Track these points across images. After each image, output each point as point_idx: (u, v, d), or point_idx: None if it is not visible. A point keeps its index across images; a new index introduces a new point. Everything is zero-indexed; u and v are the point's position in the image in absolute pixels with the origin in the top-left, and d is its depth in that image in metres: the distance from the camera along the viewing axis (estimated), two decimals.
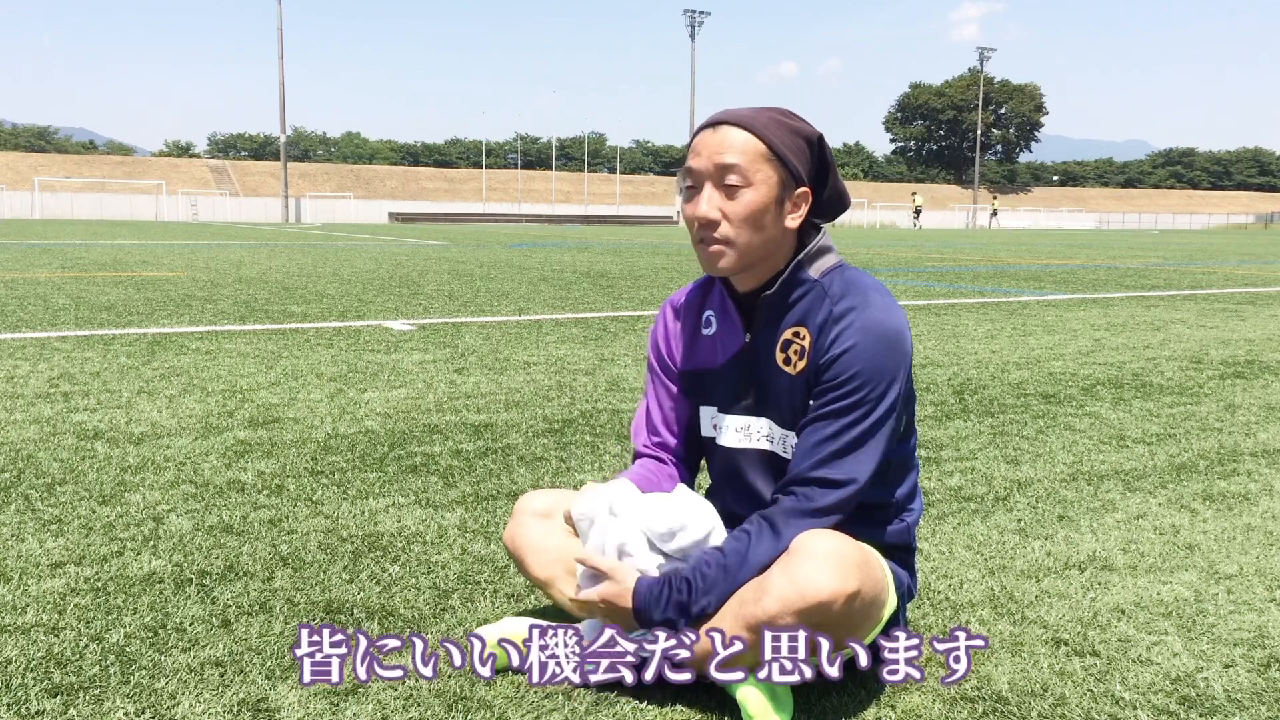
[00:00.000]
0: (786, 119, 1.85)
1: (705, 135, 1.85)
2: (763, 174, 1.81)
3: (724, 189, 1.82)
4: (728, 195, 1.82)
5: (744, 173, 1.80)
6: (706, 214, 1.83)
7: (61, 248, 19.23)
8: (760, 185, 1.81)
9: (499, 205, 77.53)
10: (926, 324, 7.92)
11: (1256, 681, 1.94)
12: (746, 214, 1.82)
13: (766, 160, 1.81)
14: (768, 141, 1.81)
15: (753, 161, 1.80)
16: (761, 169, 1.81)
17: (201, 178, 76.56)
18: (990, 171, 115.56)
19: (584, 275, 13.31)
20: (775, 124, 1.83)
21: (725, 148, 1.81)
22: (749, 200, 1.81)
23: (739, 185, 1.81)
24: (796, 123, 1.85)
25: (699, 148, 1.85)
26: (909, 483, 1.97)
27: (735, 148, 1.81)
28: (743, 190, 1.81)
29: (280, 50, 58.31)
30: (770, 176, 1.82)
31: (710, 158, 1.82)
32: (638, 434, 2.13)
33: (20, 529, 2.74)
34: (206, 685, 1.87)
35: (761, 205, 1.82)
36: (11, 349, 5.96)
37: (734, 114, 1.84)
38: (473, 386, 4.93)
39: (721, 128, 1.83)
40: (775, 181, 1.82)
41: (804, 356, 1.85)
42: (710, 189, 1.83)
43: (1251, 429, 4.19)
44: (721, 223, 1.83)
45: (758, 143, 1.81)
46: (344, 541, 2.67)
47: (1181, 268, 17.05)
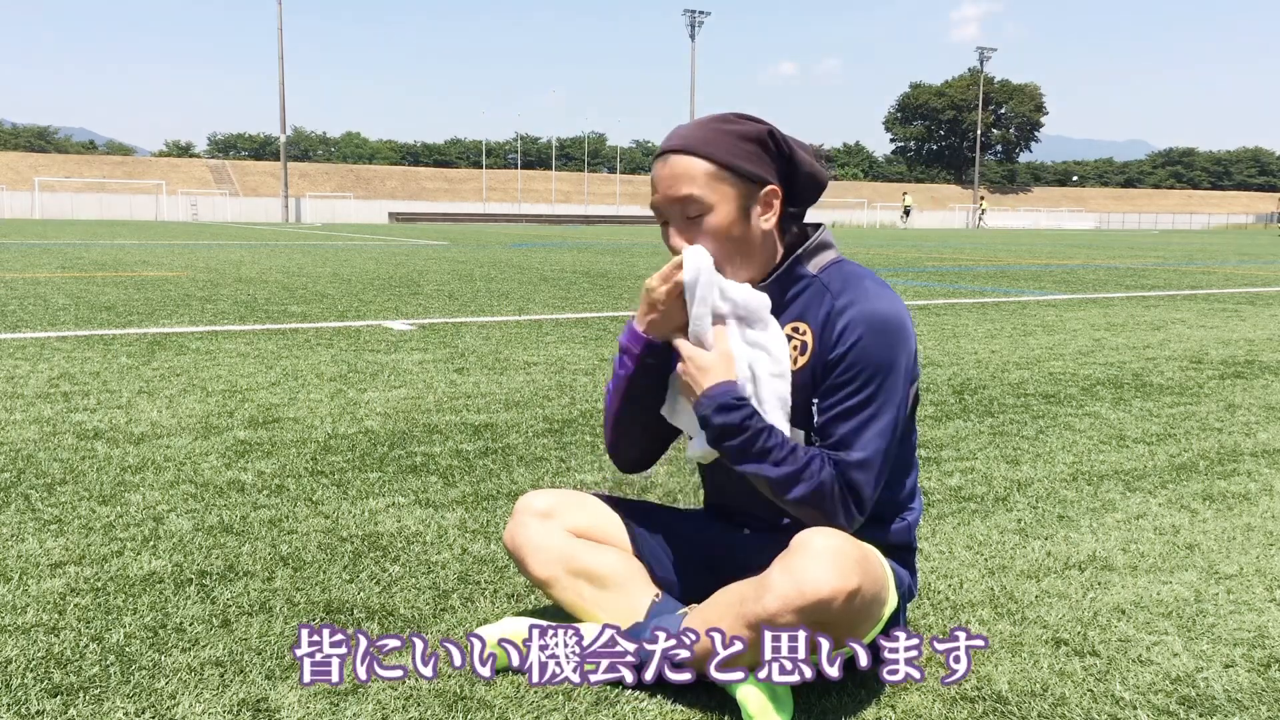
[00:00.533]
0: (730, 125, 1.83)
1: (657, 168, 1.86)
2: (719, 193, 1.81)
3: (687, 221, 1.83)
4: (693, 224, 1.82)
5: (699, 200, 1.80)
6: (679, 247, 1.84)
7: (61, 248, 19.23)
8: (720, 205, 1.81)
9: (499, 205, 77.54)
10: (926, 324, 7.92)
11: (1256, 681, 1.94)
12: (714, 236, 1.82)
13: (719, 179, 1.81)
14: (714, 159, 1.80)
15: (705, 185, 1.80)
16: (717, 188, 1.81)
17: (201, 178, 76.56)
18: (990, 171, 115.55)
19: (584, 275, 13.32)
20: (719, 136, 1.82)
21: (675, 179, 1.81)
22: (713, 224, 1.81)
23: (699, 213, 1.81)
24: (742, 126, 1.84)
25: (655, 183, 1.86)
26: (909, 482, 1.97)
27: (684, 176, 1.81)
28: (705, 216, 1.81)
29: (280, 50, 58.32)
30: (728, 193, 1.81)
31: (665, 192, 1.83)
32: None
33: (20, 529, 2.74)
34: (206, 685, 1.87)
35: (727, 224, 1.82)
36: (11, 349, 5.97)
37: (678, 138, 1.84)
38: (473, 386, 4.93)
39: (670, 158, 1.83)
40: (734, 194, 1.82)
41: (805, 352, 1.85)
42: (678, 219, 1.84)
43: (1251, 429, 4.19)
44: None
45: (705, 164, 1.80)
46: (344, 541, 2.67)
47: (1181, 268, 17.05)
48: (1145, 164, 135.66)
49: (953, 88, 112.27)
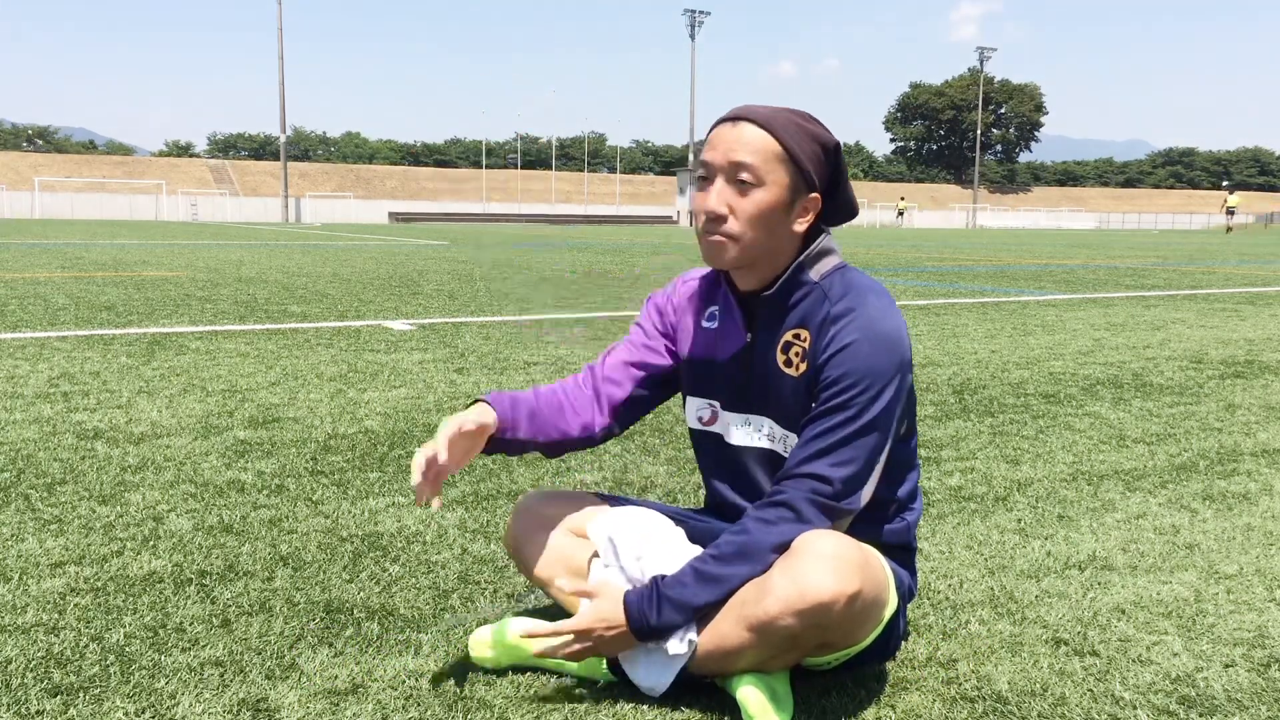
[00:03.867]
0: (806, 123, 1.84)
1: (723, 129, 1.84)
2: (775, 175, 1.81)
3: (735, 184, 1.82)
4: (739, 191, 1.82)
5: (757, 171, 1.80)
6: (715, 208, 1.83)
7: (61, 248, 19.23)
8: (772, 186, 1.81)
9: (499, 205, 77.52)
10: (926, 324, 7.92)
11: (1256, 681, 1.94)
12: (755, 212, 1.81)
13: (781, 162, 1.81)
14: (784, 143, 1.80)
15: (767, 161, 1.80)
16: (775, 170, 1.81)
17: (201, 178, 76.56)
18: (990, 171, 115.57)
19: (584, 275, 13.31)
20: (794, 127, 1.82)
21: (741, 144, 1.81)
22: (759, 199, 1.81)
23: (751, 183, 1.80)
24: (815, 128, 1.85)
25: (715, 141, 1.85)
26: (909, 482, 1.97)
27: (751, 145, 1.80)
28: (754, 189, 1.81)
29: (280, 50, 58.32)
30: (783, 178, 1.81)
31: (725, 153, 1.82)
32: (589, 368, 2.09)
33: (20, 529, 2.74)
34: (206, 685, 1.87)
35: (770, 206, 1.81)
36: (11, 349, 5.96)
37: (754, 111, 1.83)
38: (473, 386, 4.93)
39: (740, 124, 1.82)
40: (787, 184, 1.82)
41: (804, 358, 1.85)
42: (722, 183, 1.83)
43: (1251, 429, 4.19)
44: (729, 218, 1.83)
45: (774, 143, 1.80)
46: (344, 541, 2.67)
47: (1181, 268, 17.05)
48: (1145, 164, 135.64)
49: (953, 88, 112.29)
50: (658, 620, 1.76)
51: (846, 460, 1.77)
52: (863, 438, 1.78)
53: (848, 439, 1.77)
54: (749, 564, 1.75)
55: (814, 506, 1.76)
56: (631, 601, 1.79)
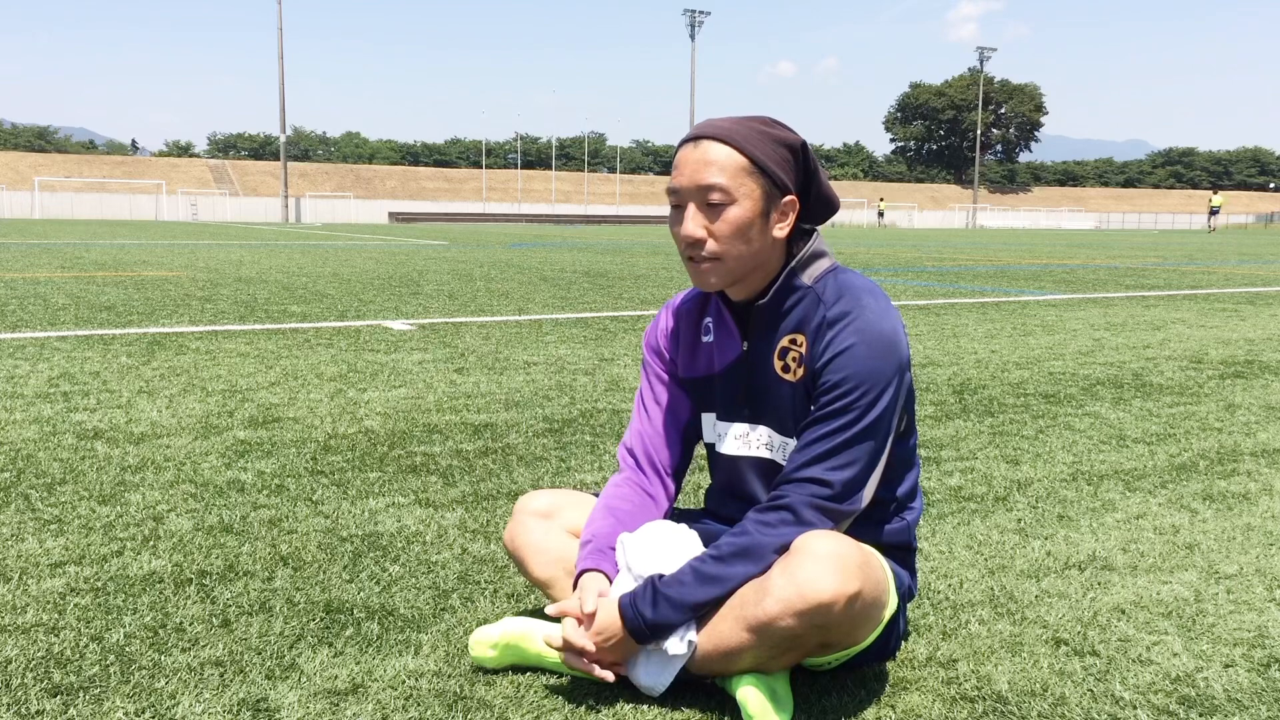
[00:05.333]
0: (769, 128, 1.83)
1: (686, 151, 1.83)
2: (746, 188, 1.79)
3: (708, 208, 1.80)
4: (712, 213, 1.80)
5: (727, 189, 1.78)
6: (692, 233, 1.81)
7: (61, 248, 19.23)
8: (744, 200, 1.79)
9: (499, 205, 77.55)
10: (926, 324, 7.92)
11: (1256, 681, 1.94)
12: (732, 230, 1.80)
13: (749, 174, 1.79)
14: (749, 154, 1.79)
15: (734, 177, 1.78)
16: (745, 183, 1.79)
17: (201, 177, 76.57)
18: (990, 171, 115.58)
19: (584, 275, 13.31)
20: (756, 135, 1.81)
21: (706, 164, 1.79)
22: (734, 217, 1.80)
23: (723, 203, 1.79)
24: (779, 131, 1.83)
25: (681, 165, 1.83)
26: (909, 482, 1.97)
27: (717, 164, 1.78)
28: (727, 207, 1.79)
29: (280, 50, 58.30)
30: (754, 190, 1.80)
31: (692, 176, 1.80)
32: (628, 452, 2.09)
33: (20, 529, 2.74)
34: (206, 685, 1.87)
35: (747, 220, 1.80)
36: (11, 349, 5.96)
37: (715, 127, 1.81)
38: (473, 386, 4.93)
39: (702, 143, 1.81)
40: (759, 195, 1.80)
41: (801, 363, 1.85)
42: (694, 208, 1.82)
43: (1251, 429, 4.19)
44: (708, 240, 1.81)
45: (739, 157, 1.79)
46: (344, 541, 2.67)
47: (1181, 268, 17.05)
48: (1145, 164, 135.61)
49: (952, 88, 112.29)
50: (653, 615, 1.76)
51: (846, 463, 1.77)
52: (862, 441, 1.78)
53: (847, 443, 1.77)
54: (748, 564, 1.75)
55: (814, 510, 1.76)
56: (624, 603, 1.79)
